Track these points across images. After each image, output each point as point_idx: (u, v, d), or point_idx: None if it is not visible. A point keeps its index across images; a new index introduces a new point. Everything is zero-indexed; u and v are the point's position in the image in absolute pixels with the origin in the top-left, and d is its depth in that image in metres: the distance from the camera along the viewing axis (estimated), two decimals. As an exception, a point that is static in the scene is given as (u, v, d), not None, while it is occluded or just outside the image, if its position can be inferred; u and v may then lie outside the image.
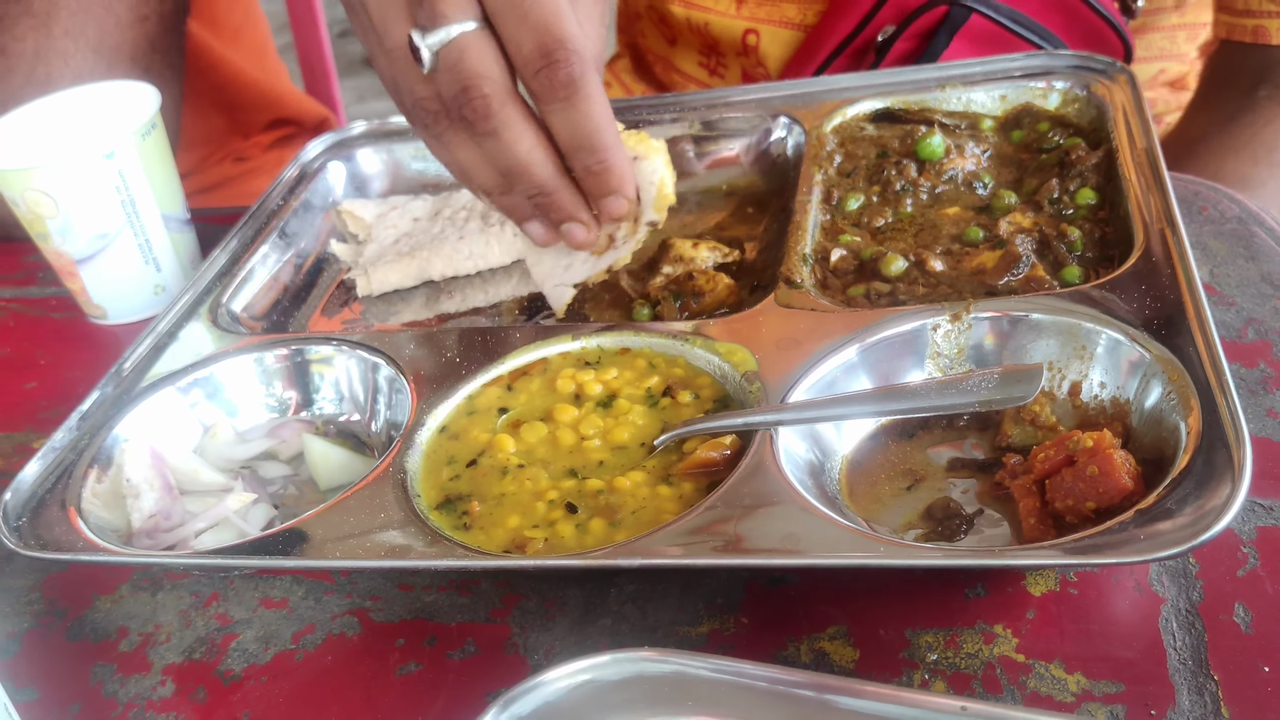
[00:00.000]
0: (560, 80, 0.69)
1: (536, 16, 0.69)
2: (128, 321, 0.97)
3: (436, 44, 0.70)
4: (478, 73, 0.70)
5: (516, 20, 0.69)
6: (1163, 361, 0.62)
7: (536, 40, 0.69)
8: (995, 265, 0.75)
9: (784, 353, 0.70)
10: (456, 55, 0.70)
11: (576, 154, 0.73)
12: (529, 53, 0.69)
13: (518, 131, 0.71)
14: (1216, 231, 0.82)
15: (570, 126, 0.71)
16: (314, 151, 1.03)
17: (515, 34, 0.69)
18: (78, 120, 0.97)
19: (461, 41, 0.70)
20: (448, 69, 0.70)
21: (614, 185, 0.74)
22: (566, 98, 0.70)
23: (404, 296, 0.92)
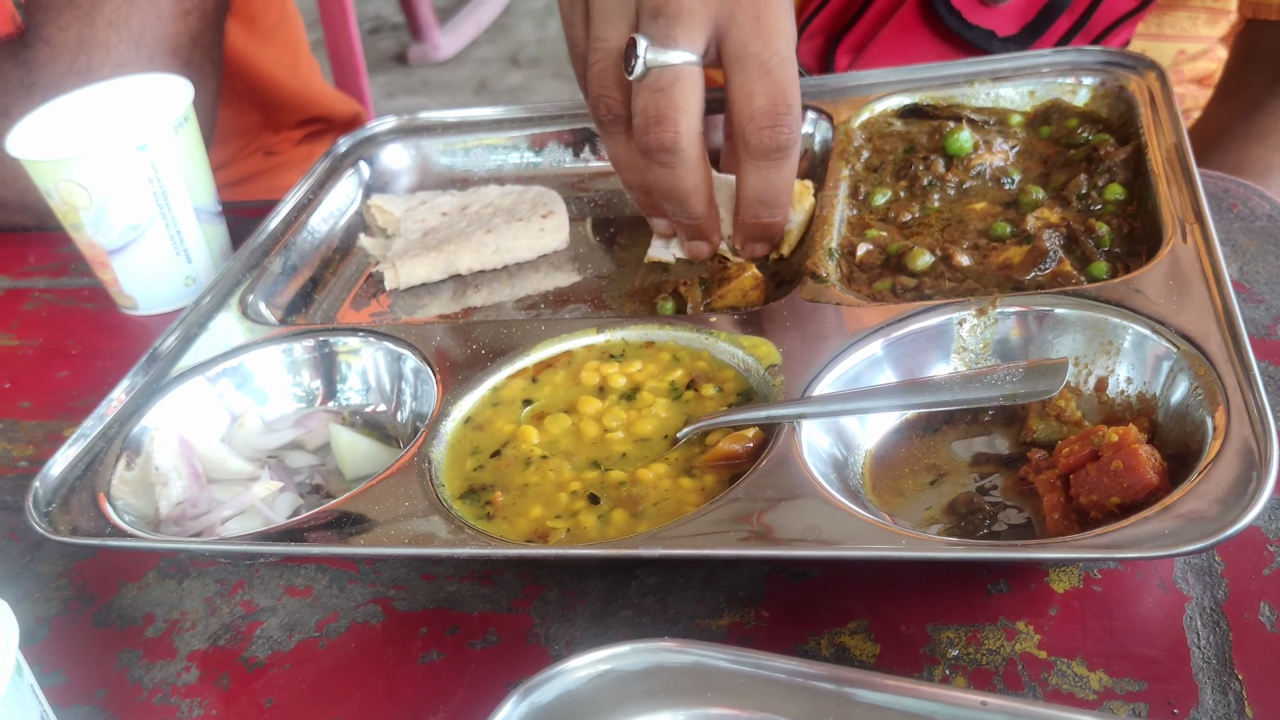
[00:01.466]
0: (779, 144, 0.74)
1: (778, 76, 0.72)
2: (158, 312, 0.98)
3: (656, 61, 0.73)
4: (680, 105, 0.73)
5: (759, 73, 0.72)
6: (1189, 357, 0.62)
7: (770, 99, 0.72)
8: (1022, 260, 0.75)
9: (808, 346, 0.70)
10: (670, 80, 0.73)
11: (755, 206, 0.78)
12: (760, 108, 0.73)
13: (691, 169, 0.76)
14: (1246, 229, 0.81)
15: (765, 185, 0.76)
16: (344, 147, 1.04)
17: (752, 86, 0.73)
18: (111, 112, 0.98)
19: (679, 71, 0.73)
20: (655, 89, 0.73)
21: (771, 235, 0.81)
22: (777, 161, 0.75)
23: (431, 290, 0.92)
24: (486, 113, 1.05)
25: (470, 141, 1.04)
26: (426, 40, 4.39)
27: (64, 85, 1.03)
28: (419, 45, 4.44)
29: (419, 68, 4.44)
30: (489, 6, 4.50)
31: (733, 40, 0.73)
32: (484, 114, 1.05)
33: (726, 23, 0.73)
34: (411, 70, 4.45)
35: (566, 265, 0.92)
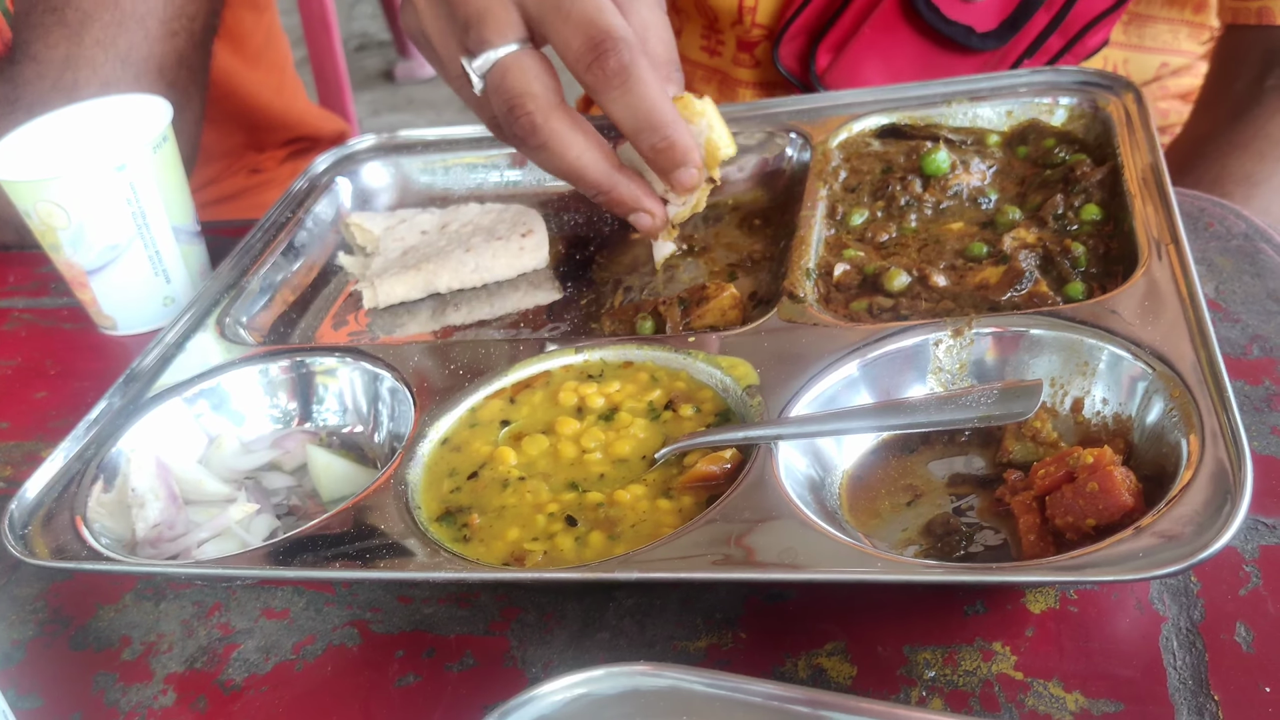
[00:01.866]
0: (611, 69, 0.73)
1: (579, 14, 0.73)
2: (137, 332, 0.97)
3: (482, 68, 0.76)
4: (519, 91, 0.75)
5: (560, 22, 0.74)
6: (1165, 378, 0.62)
7: (583, 36, 0.73)
8: (999, 281, 0.75)
9: (786, 367, 0.70)
10: (500, 77, 0.75)
11: (640, 135, 0.77)
12: (578, 49, 0.73)
13: (565, 141, 0.76)
14: (1222, 248, 0.82)
15: (629, 110, 0.75)
16: (323, 165, 1.04)
17: (561, 35, 0.74)
18: (90, 133, 0.97)
19: (503, 63, 0.75)
20: (494, 90, 0.76)
21: (680, 158, 0.78)
22: (621, 84, 0.74)
23: (410, 309, 0.92)
24: (466, 131, 1.05)
25: (450, 160, 1.04)
26: (413, 58, 4.40)
27: (50, 102, 1.03)
28: (406, 62, 4.45)
29: (405, 85, 4.45)
30: (475, 23, 4.50)
31: (534, 9, 0.75)
32: (464, 132, 1.05)
33: (525, 1, 0.75)
34: (398, 87, 4.45)
35: (546, 284, 0.92)
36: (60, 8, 1.10)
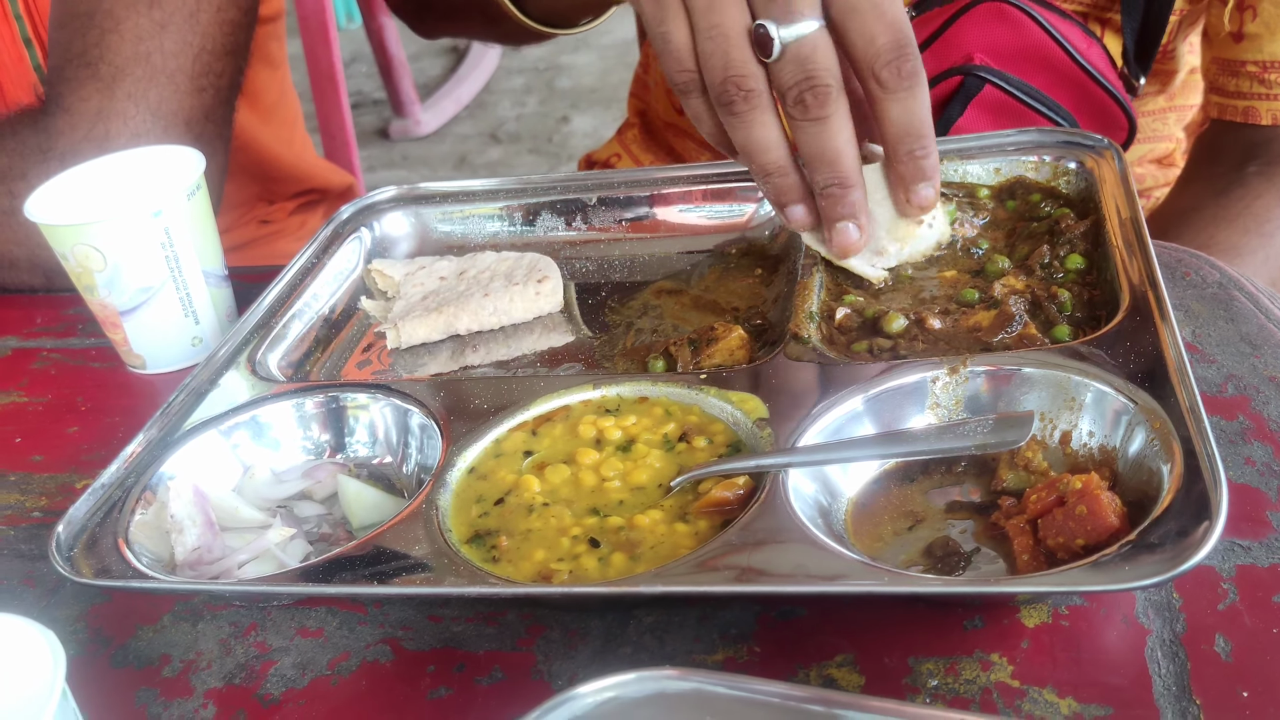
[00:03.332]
0: (909, 70, 0.78)
1: (892, 14, 0.78)
2: (166, 371, 1.01)
3: (790, 37, 0.78)
4: (825, 67, 0.78)
5: (874, 16, 0.78)
6: (1146, 411, 0.67)
7: (891, 35, 0.77)
8: (990, 324, 0.80)
9: (793, 401, 0.75)
10: (810, 49, 0.78)
11: (904, 140, 0.81)
12: (884, 45, 0.77)
13: (842, 122, 0.79)
14: (1198, 295, 0.87)
15: (907, 114, 0.79)
16: (346, 214, 1.09)
17: (870, 28, 0.78)
18: (127, 180, 1.02)
19: (814, 38, 0.78)
20: (796, 61, 0.78)
21: (930, 171, 0.82)
22: (910, 87, 0.78)
23: (430, 350, 0.97)
24: (483, 183, 1.10)
25: (467, 210, 1.09)
26: (408, 116, 4.48)
27: (81, 153, 1.08)
28: (401, 121, 4.53)
29: (400, 142, 4.52)
30: (469, 84, 4.60)
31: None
32: (480, 185, 1.10)
33: None
34: (393, 145, 4.53)
35: (561, 326, 0.97)
36: (94, 62, 1.15)
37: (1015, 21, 1.09)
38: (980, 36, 1.09)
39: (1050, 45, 1.09)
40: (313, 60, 2.13)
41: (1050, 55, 1.09)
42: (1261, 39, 1.13)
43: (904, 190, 0.84)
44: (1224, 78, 1.19)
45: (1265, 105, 1.16)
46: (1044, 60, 1.10)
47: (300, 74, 2.14)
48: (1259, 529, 0.67)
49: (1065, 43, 1.09)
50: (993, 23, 1.09)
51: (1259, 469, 0.71)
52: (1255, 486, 0.70)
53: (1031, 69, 1.09)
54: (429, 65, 4.84)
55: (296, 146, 1.69)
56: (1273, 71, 1.14)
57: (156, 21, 1.16)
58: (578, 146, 4.19)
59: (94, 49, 1.15)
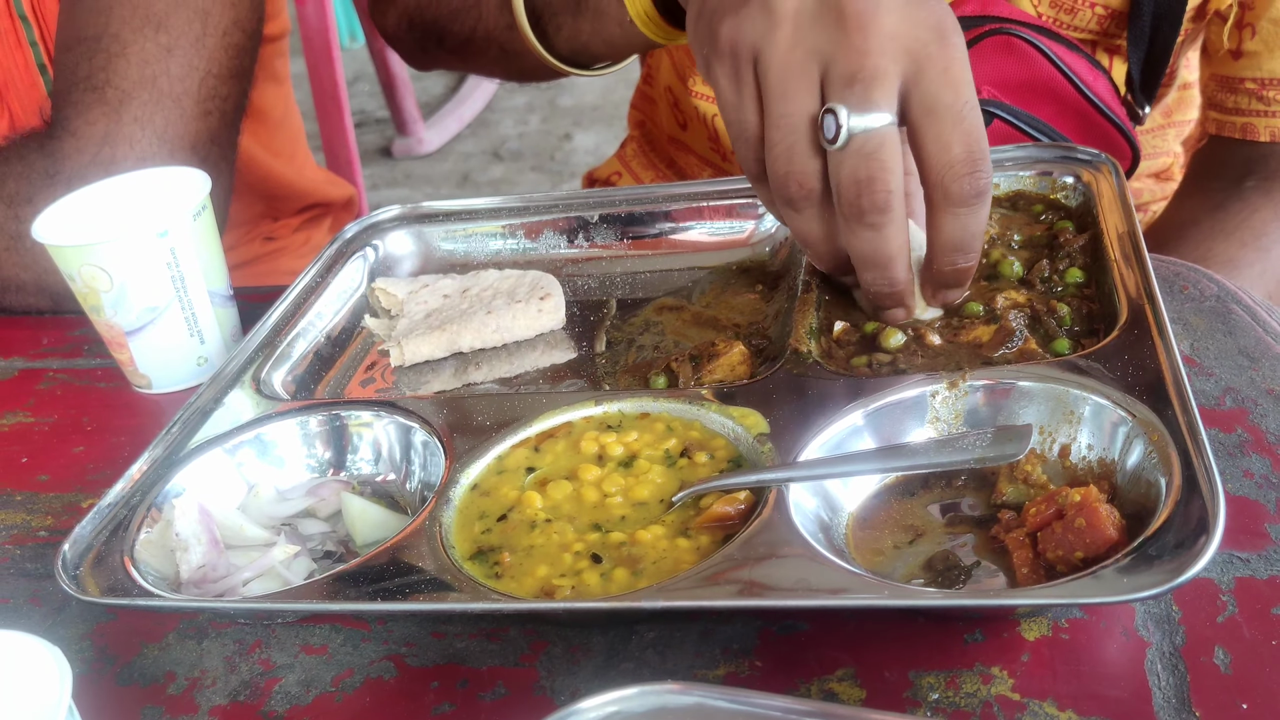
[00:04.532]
0: (979, 188, 0.75)
1: (971, 123, 0.74)
2: (171, 390, 1.02)
3: (860, 128, 0.74)
4: (890, 167, 0.74)
5: (953, 122, 0.74)
6: (1144, 424, 0.67)
7: (967, 147, 0.74)
8: (990, 339, 0.81)
9: (793, 416, 0.75)
10: (876, 144, 0.74)
11: (954, 253, 0.78)
12: (958, 155, 0.74)
13: (898, 230, 0.76)
14: (1196, 308, 0.88)
15: (962, 231, 0.77)
16: (350, 233, 1.10)
17: (947, 135, 0.74)
18: (134, 201, 1.03)
19: (884, 133, 0.74)
20: (862, 154, 0.74)
21: (965, 280, 0.81)
22: (974, 206, 0.75)
23: (434, 367, 0.97)
24: (485, 202, 1.11)
25: (470, 228, 1.10)
26: (411, 134, 4.50)
27: (88, 176, 1.09)
28: (403, 139, 4.55)
29: (403, 161, 4.54)
30: (471, 103, 4.63)
31: (922, 93, 0.74)
32: (483, 203, 1.11)
33: (915, 77, 0.74)
34: (395, 163, 4.55)
35: (563, 343, 0.97)
36: (100, 86, 1.16)
37: (1023, 54, 1.08)
38: (990, 70, 1.08)
39: (1057, 77, 1.09)
40: (316, 79, 2.15)
41: (1057, 87, 1.09)
42: (1260, 56, 1.14)
43: (934, 290, 0.83)
44: (1222, 94, 1.19)
45: (1263, 122, 1.17)
46: (1051, 92, 1.10)
47: (303, 93, 2.16)
48: (1258, 541, 0.67)
49: (1072, 75, 1.08)
50: (1001, 56, 1.08)
51: (1257, 481, 0.71)
52: (1254, 499, 0.70)
53: (1038, 100, 1.10)
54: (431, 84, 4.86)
55: (298, 162, 1.71)
56: (1271, 89, 1.14)
57: (163, 46, 1.17)
58: (580, 164, 4.21)
59: (100, 73, 1.16)
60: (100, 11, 1.18)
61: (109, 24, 1.18)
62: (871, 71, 0.74)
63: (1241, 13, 1.14)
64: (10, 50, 1.29)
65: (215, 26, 1.23)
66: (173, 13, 1.19)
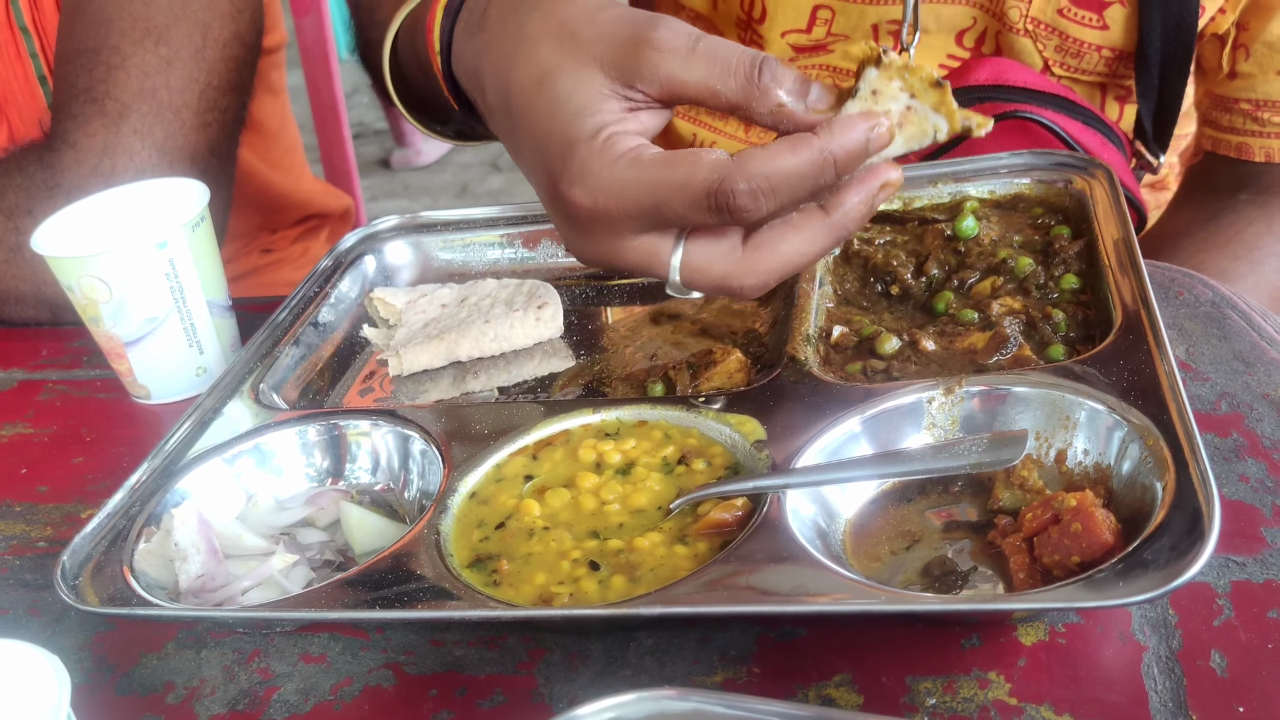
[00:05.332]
0: (739, 206, 0.66)
1: (693, 189, 0.67)
2: (170, 401, 1.02)
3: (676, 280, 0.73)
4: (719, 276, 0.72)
5: (683, 208, 0.68)
6: (1140, 429, 0.68)
7: (702, 202, 0.67)
8: (985, 345, 0.81)
9: (791, 423, 0.75)
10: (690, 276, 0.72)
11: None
12: (706, 213, 0.68)
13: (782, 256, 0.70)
14: (1191, 314, 0.88)
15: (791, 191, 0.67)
16: (348, 243, 1.10)
17: (687, 220, 0.69)
18: (133, 212, 1.04)
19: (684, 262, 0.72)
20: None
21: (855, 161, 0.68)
22: (750, 213, 0.67)
23: (432, 376, 0.97)
24: (483, 212, 1.12)
25: (468, 238, 1.11)
26: (409, 145, 4.51)
27: (87, 188, 1.09)
28: (402, 150, 4.56)
29: (401, 172, 4.55)
30: (470, 113, 4.62)
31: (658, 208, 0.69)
32: (481, 213, 1.12)
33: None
34: (394, 174, 4.56)
35: (561, 352, 0.98)
36: (100, 99, 1.16)
37: (1035, 135, 1.07)
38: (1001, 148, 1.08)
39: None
40: (314, 92, 2.15)
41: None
42: (1254, 78, 1.14)
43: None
44: (1217, 112, 1.19)
45: (1258, 142, 1.17)
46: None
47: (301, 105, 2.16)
48: (1253, 545, 0.67)
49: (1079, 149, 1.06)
50: (1013, 137, 1.07)
51: (1253, 485, 0.71)
52: (1249, 503, 0.70)
53: None
54: (431, 95, 4.86)
55: (296, 174, 1.71)
56: (1265, 110, 1.14)
57: (163, 58, 1.18)
58: (579, 174, 4.21)
59: (100, 85, 1.17)
60: (100, 24, 1.19)
61: (109, 36, 1.18)
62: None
63: (1237, 33, 1.14)
64: (10, 62, 1.30)
65: (215, 39, 1.23)
66: (173, 26, 1.20)
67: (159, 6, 1.20)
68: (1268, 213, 1.18)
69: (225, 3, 1.25)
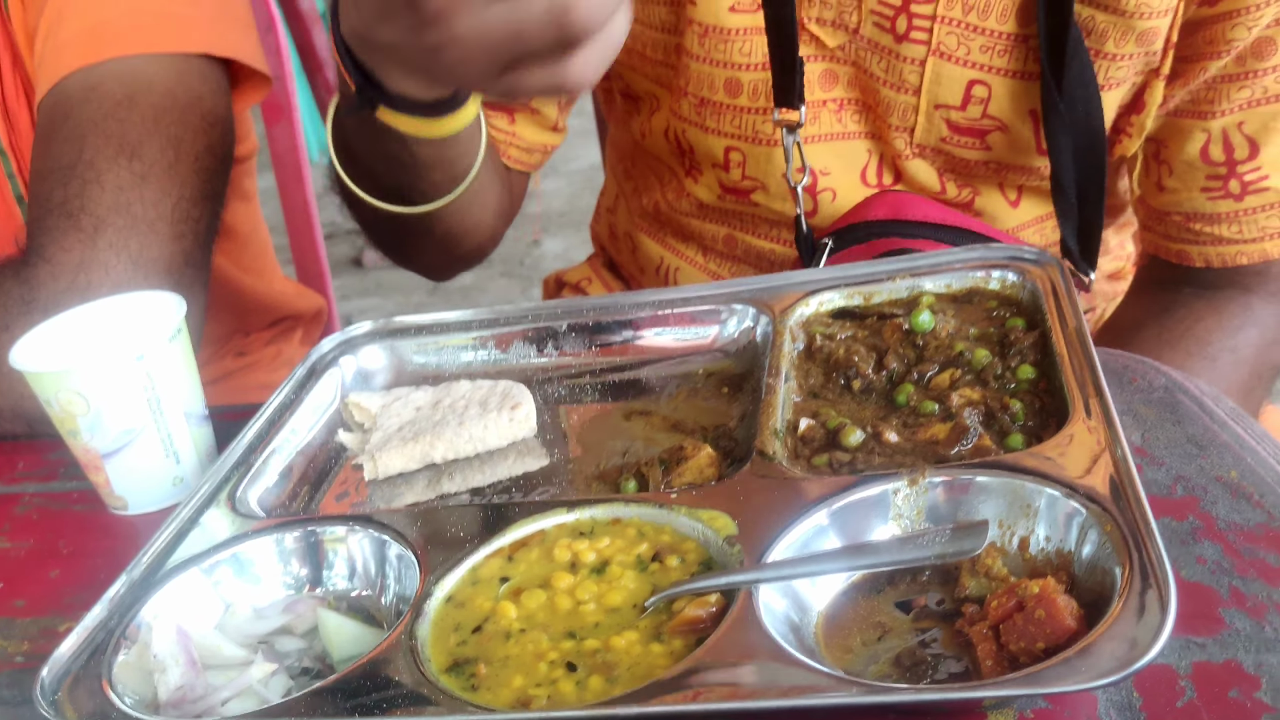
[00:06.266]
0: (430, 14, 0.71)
1: None
2: (147, 511, 1.03)
3: None
4: None
5: None
6: (1097, 515, 0.70)
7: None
8: (947, 436, 0.83)
9: (761, 517, 0.77)
10: None
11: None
12: None
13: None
14: (1145, 399, 0.91)
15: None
16: (324, 349, 1.12)
17: None
18: (110, 326, 1.05)
19: None
20: None
21: None
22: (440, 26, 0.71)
23: (407, 479, 0.99)
24: (456, 315, 1.14)
25: (442, 341, 1.13)
26: (381, 244, 4.54)
27: (64, 302, 1.11)
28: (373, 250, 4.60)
29: (373, 270, 4.59)
30: (441, 211, 4.68)
31: None
32: (454, 316, 1.14)
33: None
34: (366, 273, 4.60)
35: (535, 451, 0.99)
36: (75, 213, 1.19)
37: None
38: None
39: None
40: (286, 195, 2.18)
41: None
42: (1180, 194, 1.17)
43: None
44: (1152, 220, 1.23)
45: (1195, 249, 1.19)
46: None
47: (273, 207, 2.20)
48: (1212, 625, 0.69)
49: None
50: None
51: (1210, 567, 0.74)
52: (1207, 584, 0.72)
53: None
54: (402, 194, 4.93)
55: (268, 276, 1.73)
56: (1196, 221, 1.17)
57: (137, 173, 1.20)
58: (549, 269, 4.26)
59: (75, 200, 1.19)
60: (75, 141, 1.21)
61: (83, 152, 1.21)
62: None
63: (1157, 149, 1.18)
64: (-14, 184, 1.32)
65: (188, 153, 1.26)
66: (146, 141, 1.23)
67: (132, 123, 1.23)
68: (1216, 307, 1.20)
69: (197, 117, 1.28)
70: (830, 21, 1.15)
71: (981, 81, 1.12)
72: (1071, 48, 1.04)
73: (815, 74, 1.17)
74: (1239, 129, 1.12)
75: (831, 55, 1.17)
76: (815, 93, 1.18)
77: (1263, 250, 1.16)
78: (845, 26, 1.14)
